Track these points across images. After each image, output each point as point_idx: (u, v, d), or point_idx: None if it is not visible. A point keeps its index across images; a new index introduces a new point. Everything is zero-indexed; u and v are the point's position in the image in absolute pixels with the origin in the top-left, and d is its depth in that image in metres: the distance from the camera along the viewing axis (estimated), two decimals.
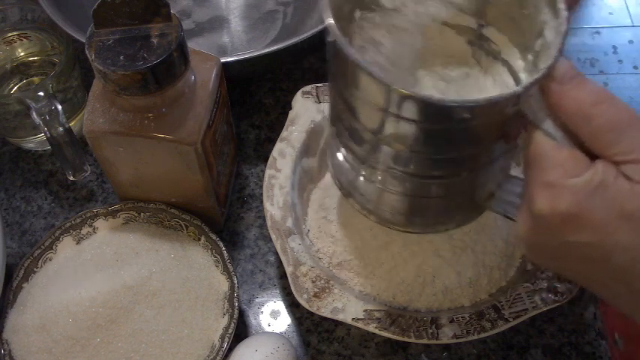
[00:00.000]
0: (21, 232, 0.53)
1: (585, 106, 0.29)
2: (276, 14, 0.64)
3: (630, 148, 0.29)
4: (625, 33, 1.66)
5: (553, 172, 0.30)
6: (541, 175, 0.30)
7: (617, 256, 0.29)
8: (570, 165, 0.30)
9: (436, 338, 0.43)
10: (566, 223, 0.30)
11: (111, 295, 0.44)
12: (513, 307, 0.44)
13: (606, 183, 0.29)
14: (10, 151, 0.57)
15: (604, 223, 0.29)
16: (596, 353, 0.48)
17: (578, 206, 0.29)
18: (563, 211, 0.29)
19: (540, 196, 0.30)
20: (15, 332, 0.45)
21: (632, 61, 1.60)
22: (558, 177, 0.30)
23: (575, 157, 0.30)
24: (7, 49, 0.56)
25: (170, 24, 0.40)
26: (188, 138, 0.42)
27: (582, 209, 0.29)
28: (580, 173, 0.29)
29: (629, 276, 0.30)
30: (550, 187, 0.30)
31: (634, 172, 0.29)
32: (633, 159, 0.29)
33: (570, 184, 0.29)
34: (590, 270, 0.31)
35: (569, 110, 0.30)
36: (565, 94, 0.30)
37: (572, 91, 0.30)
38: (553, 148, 0.30)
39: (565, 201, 0.29)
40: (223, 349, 0.44)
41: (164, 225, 0.49)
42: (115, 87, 0.40)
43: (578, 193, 0.29)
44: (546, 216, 0.30)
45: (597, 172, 0.29)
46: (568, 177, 0.29)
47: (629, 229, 0.29)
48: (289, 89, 0.60)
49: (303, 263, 0.46)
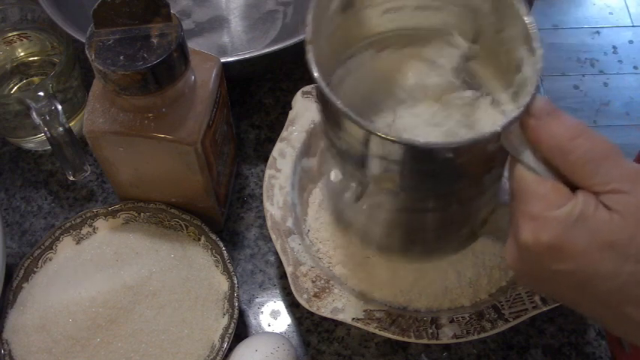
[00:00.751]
0: (21, 232, 0.53)
1: (562, 141, 0.31)
2: (276, 14, 0.64)
3: (607, 179, 0.30)
4: (625, 33, 1.66)
5: (536, 204, 0.31)
6: (525, 208, 0.32)
7: (600, 283, 0.31)
8: (552, 197, 0.31)
9: (436, 338, 0.43)
10: (549, 254, 0.31)
11: (111, 295, 0.44)
12: (513, 307, 0.44)
13: (586, 214, 0.30)
14: (10, 151, 0.57)
15: (586, 252, 0.30)
16: (596, 353, 0.48)
17: (561, 237, 0.30)
18: (546, 242, 0.31)
19: (524, 228, 0.31)
20: (15, 332, 0.45)
21: (632, 61, 1.60)
22: (541, 209, 0.31)
23: (556, 189, 0.31)
24: (7, 49, 0.56)
25: (170, 24, 0.40)
26: (188, 138, 0.42)
27: (564, 240, 0.30)
28: (562, 205, 0.30)
29: (613, 302, 0.31)
30: (533, 220, 0.31)
31: (612, 202, 0.30)
32: (611, 189, 0.30)
33: (552, 215, 0.30)
34: (577, 296, 0.33)
35: (548, 144, 0.31)
36: (543, 129, 0.31)
37: (549, 126, 0.31)
38: (535, 181, 0.31)
39: (548, 232, 0.30)
40: (223, 349, 0.44)
41: (164, 225, 0.49)
42: (115, 87, 0.40)
43: (560, 225, 0.30)
44: (531, 247, 0.31)
45: (578, 204, 0.30)
46: (550, 209, 0.31)
47: (609, 257, 0.30)
48: (289, 89, 0.60)
49: (303, 263, 0.45)
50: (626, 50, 1.62)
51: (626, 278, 0.30)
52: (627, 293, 0.30)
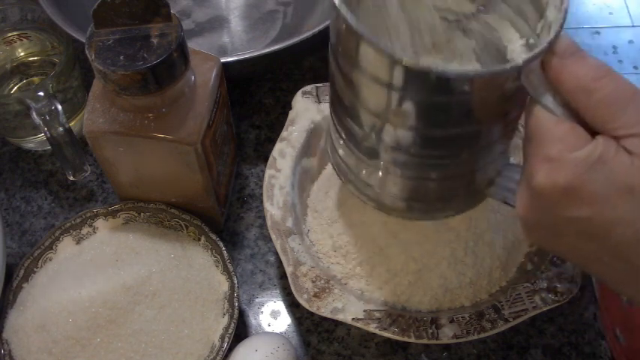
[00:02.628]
0: (21, 232, 0.53)
1: (586, 81, 0.29)
2: (276, 14, 0.64)
3: (631, 122, 0.29)
4: (625, 33, 1.66)
5: (553, 146, 0.30)
6: (541, 150, 0.30)
7: (617, 230, 0.29)
8: (570, 139, 0.29)
9: (436, 338, 0.43)
10: (566, 198, 0.29)
11: (111, 295, 0.44)
12: (513, 307, 0.44)
13: (607, 157, 0.29)
14: (10, 151, 0.57)
15: (605, 197, 0.29)
16: (596, 353, 0.48)
17: (579, 180, 0.29)
18: (563, 185, 0.29)
19: (540, 171, 0.30)
20: (15, 332, 0.45)
21: (632, 61, 1.60)
22: (558, 151, 0.29)
23: (575, 131, 0.30)
24: (7, 49, 0.56)
25: (170, 24, 0.40)
26: (188, 138, 0.42)
27: (582, 183, 0.29)
28: (580, 147, 0.29)
29: (629, 251, 0.29)
30: (550, 161, 0.30)
31: (635, 146, 0.28)
32: (634, 133, 0.29)
33: (570, 157, 0.29)
34: (589, 247, 0.31)
35: (570, 85, 0.30)
36: (566, 68, 0.30)
37: (573, 66, 0.30)
38: (553, 122, 0.30)
39: (565, 175, 0.29)
40: (223, 349, 0.44)
41: (164, 225, 0.49)
42: (115, 87, 0.40)
43: (578, 167, 0.29)
44: (546, 190, 0.30)
45: (598, 146, 0.29)
46: (568, 151, 0.29)
47: (630, 203, 0.28)
48: (289, 89, 0.60)
49: (303, 263, 0.46)
50: (626, 50, 1.62)
51: None
52: None
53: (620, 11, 1.70)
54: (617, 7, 1.70)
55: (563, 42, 0.30)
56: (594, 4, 1.70)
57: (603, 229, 0.29)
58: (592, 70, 0.30)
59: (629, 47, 1.63)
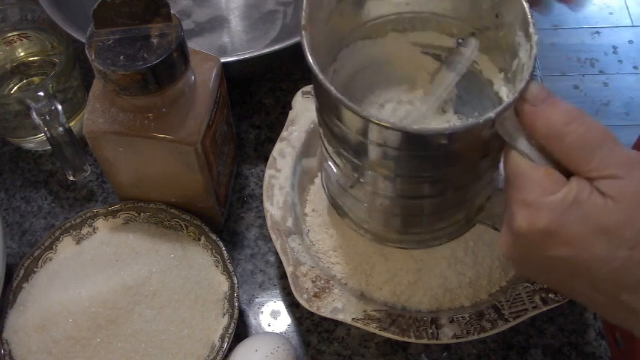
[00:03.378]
0: (21, 232, 0.53)
1: (557, 126, 0.31)
2: (276, 14, 0.64)
3: (603, 164, 0.30)
4: (625, 33, 1.66)
5: (530, 191, 0.31)
6: (519, 194, 0.32)
7: (594, 269, 0.30)
8: (546, 183, 0.31)
9: (436, 338, 0.43)
10: (544, 240, 0.31)
11: (111, 295, 0.44)
12: (513, 307, 0.44)
13: (581, 199, 0.30)
14: (10, 151, 0.57)
15: (580, 238, 0.30)
16: (596, 353, 0.48)
17: (555, 223, 0.30)
18: (540, 229, 0.31)
19: (519, 215, 0.31)
20: (15, 332, 0.45)
21: (632, 61, 1.60)
22: (535, 196, 0.31)
23: (550, 175, 0.31)
24: (7, 49, 0.56)
25: (170, 24, 0.40)
26: (188, 138, 0.42)
27: (559, 226, 0.30)
28: (556, 191, 0.30)
29: (608, 288, 0.31)
30: (528, 206, 0.31)
31: (607, 188, 0.30)
32: (606, 175, 0.30)
33: (547, 201, 0.30)
34: (572, 282, 0.33)
35: (543, 130, 0.31)
36: (538, 115, 0.31)
37: (544, 112, 0.31)
38: (529, 167, 0.31)
39: (542, 219, 0.30)
40: (223, 349, 0.44)
41: (164, 225, 0.49)
42: (115, 87, 0.40)
43: (554, 210, 0.30)
44: (525, 233, 0.31)
45: (572, 189, 0.30)
46: (545, 195, 0.30)
47: (603, 243, 0.30)
48: (289, 89, 0.60)
49: (303, 263, 0.45)
50: (626, 50, 1.62)
51: (620, 264, 0.30)
52: (622, 279, 0.30)
53: (620, 11, 1.70)
54: (617, 7, 1.70)
55: (533, 89, 0.32)
56: (594, 4, 1.70)
57: (581, 266, 0.31)
58: (563, 115, 0.31)
59: (629, 47, 1.63)
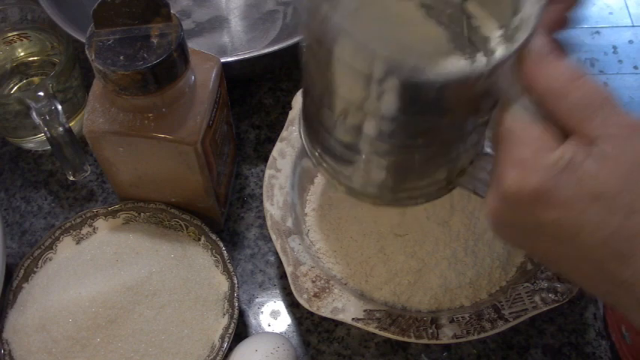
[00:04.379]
0: (21, 232, 0.53)
1: (561, 82, 0.29)
2: (276, 14, 0.64)
3: (604, 125, 0.28)
4: (625, 33, 1.66)
5: (523, 149, 0.29)
6: (510, 153, 0.30)
7: (584, 236, 0.29)
8: (541, 143, 0.29)
9: (436, 338, 0.43)
10: (534, 201, 0.29)
11: (111, 295, 0.44)
12: (513, 307, 0.44)
13: (576, 162, 0.28)
14: (10, 151, 0.57)
15: (572, 201, 0.29)
16: (596, 353, 0.48)
17: (547, 185, 0.29)
18: (531, 189, 0.29)
19: (509, 174, 0.30)
20: (15, 332, 0.45)
21: (632, 61, 1.60)
22: (528, 154, 0.29)
23: (545, 134, 0.29)
24: (7, 49, 0.56)
25: (170, 24, 0.40)
26: (188, 138, 0.42)
27: (551, 187, 0.29)
28: (549, 151, 0.29)
29: (596, 254, 0.29)
30: (519, 165, 0.29)
31: (605, 150, 0.28)
32: (606, 135, 0.28)
33: (540, 162, 0.29)
34: (558, 249, 0.31)
35: (544, 86, 0.29)
36: (540, 69, 0.29)
37: (547, 67, 0.29)
38: (525, 125, 0.30)
39: (533, 179, 0.29)
40: (223, 349, 0.44)
41: (164, 225, 0.49)
42: (115, 87, 0.40)
43: (547, 171, 0.29)
44: (515, 194, 0.30)
45: (568, 151, 0.29)
46: (538, 154, 0.29)
47: (597, 208, 0.28)
48: (289, 89, 0.60)
49: (303, 263, 0.46)
50: (626, 50, 1.62)
51: (612, 231, 0.28)
52: (612, 248, 0.29)
53: (620, 11, 1.70)
54: (617, 7, 1.70)
55: (537, 41, 0.30)
56: (594, 4, 1.70)
57: (571, 232, 0.29)
58: (566, 71, 0.29)
59: (629, 47, 1.63)
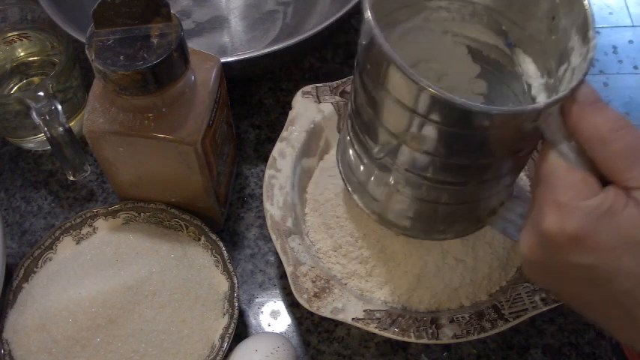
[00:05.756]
0: (21, 232, 0.53)
1: (604, 131, 0.30)
2: (276, 14, 0.64)
3: None
4: (625, 33, 1.66)
5: (565, 192, 0.30)
6: (551, 194, 0.31)
7: (619, 281, 0.30)
8: (582, 188, 0.30)
9: (436, 338, 0.43)
10: (572, 244, 0.30)
11: (111, 295, 0.44)
12: (513, 307, 0.44)
13: (616, 208, 0.29)
14: (10, 151, 0.57)
15: (610, 247, 0.29)
16: (596, 353, 0.48)
17: (586, 228, 0.30)
18: (571, 232, 0.30)
19: (549, 215, 0.31)
20: (15, 332, 0.45)
21: (632, 61, 1.60)
22: (569, 198, 0.30)
23: (587, 180, 0.30)
24: (7, 49, 0.56)
25: (170, 24, 0.40)
26: (188, 138, 0.42)
27: (590, 232, 0.30)
28: (591, 197, 0.30)
29: (629, 301, 0.30)
30: (560, 207, 0.30)
31: None
32: None
33: (581, 206, 0.30)
34: (590, 293, 0.32)
35: (588, 133, 0.30)
36: (585, 116, 0.30)
37: (592, 115, 0.30)
38: (566, 168, 0.31)
39: (574, 222, 0.30)
40: (223, 349, 0.44)
41: (164, 225, 0.49)
42: (115, 87, 0.40)
43: (587, 216, 0.30)
44: (553, 235, 0.31)
45: (608, 197, 0.30)
46: (579, 199, 0.30)
47: (634, 255, 0.29)
48: (289, 89, 0.60)
49: (303, 263, 0.46)
50: (626, 50, 1.62)
51: None
52: None
53: (620, 11, 1.70)
54: (617, 7, 1.70)
55: (584, 90, 0.31)
56: (594, 4, 1.70)
57: (606, 277, 0.30)
58: (611, 120, 0.30)
59: (629, 47, 1.63)
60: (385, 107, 0.35)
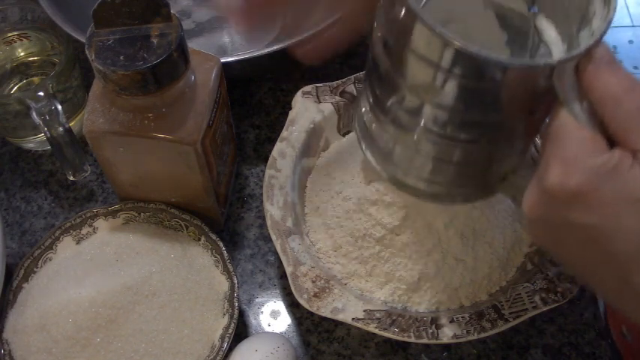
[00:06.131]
0: (21, 232, 0.53)
1: (617, 91, 0.30)
2: (276, 14, 0.64)
3: None
4: (625, 33, 1.66)
5: (571, 149, 0.30)
6: (558, 150, 0.31)
7: (619, 240, 0.30)
8: (589, 146, 0.30)
9: (436, 338, 0.43)
10: (574, 201, 0.30)
11: (111, 295, 0.44)
12: (513, 307, 0.44)
13: (621, 168, 0.29)
14: (10, 151, 0.57)
15: (612, 206, 0.29)
16: (596, 353, 0.48)
17: (590, 186, 0.29)
18: (573, 188, 0.30)
19: (554, 170, 0.31)
20: (15, 332, 0.45)
21: (632, 61, 1.60)
22: (575, 154, 0.30)
23: (595, 139, 0.30)
24: (7, 49, 0.56)
25: (170, 24, 0.40)
26: (188, 138, 0.42)
27: (592, 189, 0.29)
28: (597, 155, 0.30)
29: (627, 262, 0.30)
30: (565, 163, 0.30)
31: None
32: None
33: (586, 163, 0.30)
34: (588, 253, 0.32)
35: (601, 92, 0.30)
36: (600, 76, 0.30)
37: (606, 75, 0.30)
38: (576, 126, 0.31)
39: (577, 178, 0.30)
40: (223, 349, 0.44)
41: (164, 225, 0.49)
42: (115, 87, 0.40)
43: (591, 173, 0.29)
44: (556, 190, 0.30)
45: (614, 157, 0.29)
46: (585, 156, 0.30)
47: (635, 215, 0.29)
48: (289, 89, 0.60)
49: (303, 263, 0.46)
50: (626, 50, 1.62)
51: None
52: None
53: (620, 11, 1.70)
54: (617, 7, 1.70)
55: (600, 50, 0.31)
56: None
57: (606, 237, 0.30)
58: (625, 81, 0.30)
59: (629, 47, 1.63)
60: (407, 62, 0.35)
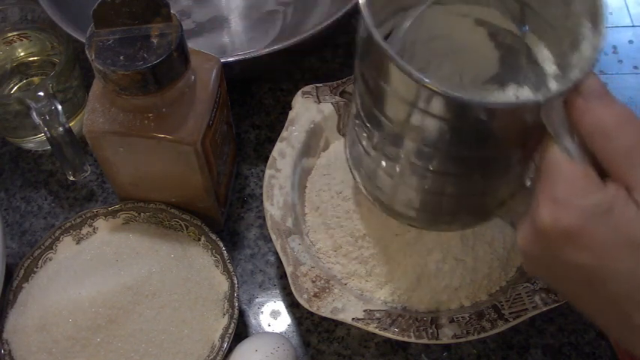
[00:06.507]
0: (21, 232, 0.53)
1: (608, 126, 0.29)
2: (276, 14, 0.64)
3: None
4: (625, 33, 1.66)
5: (563, 187, 0.29)
6: (549, 188, 0.30)
7: (614, 283, 0.29)
8: (581, 184, 0.29)
9: (436, 338, 0.43)
10: (566, 241, 0.29)
11: (111, 295, 0.44)
12: (513, 307, 0.44)
13: (615, 207, 0.28)
14: (10, 151, 0.57)
15: (606, 247, 0.29)
16: (596, 353, 0.48)
17: (582, 226, 0.29)
18: (564, 228, 0.29)
19: (545, 209, 0.30)
20: (15, 332, 0.45)
21: (632, 61, 1.60)
22: (567, 193, 0.29)
23: (587, 176, 0.29)
24: (7, 49, 0.56)
25: (170, 24, 0.40)
26: (188, 138, 0.42)
27: (585, 229, 0.29)
28: (590, 193, 0.29)
29: (625, 305, 0.30)
30: (556, 202, 0.29)
31: None
32: None
33: (578, 202, 0.29)
34: (584, 292, 0.31)
35: (591, 128, 0.29)
36: (590, 111, 0.29)
37: (597, 109, 0.29)
38: (567, 163, 0.30)
39: (569, 218, 0.29)
40: (223, 349, 0.44)
41: (164, 225, 0.49)
42: (115, 87, 0.40)
43: (583, 213, 0.29)
44: (548, 229, 0.30)
45: (607, 195, 0.29)
46: (577, 196, 0.29)
47: (630, 257, 0.28)
48: (289, 89, 0.60)
49: (303, 263, 0.46)
50: (626, 50, 1.62)
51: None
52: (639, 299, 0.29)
53: (620, 11, 1.70)
54: (617, 7, 1.70)
55: (590, 83, 0.30)
56: None
57: (600, 278, 0.29)
58: (616, 116, 0.29)
59: (629, 47, 1.63)
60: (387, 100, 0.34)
